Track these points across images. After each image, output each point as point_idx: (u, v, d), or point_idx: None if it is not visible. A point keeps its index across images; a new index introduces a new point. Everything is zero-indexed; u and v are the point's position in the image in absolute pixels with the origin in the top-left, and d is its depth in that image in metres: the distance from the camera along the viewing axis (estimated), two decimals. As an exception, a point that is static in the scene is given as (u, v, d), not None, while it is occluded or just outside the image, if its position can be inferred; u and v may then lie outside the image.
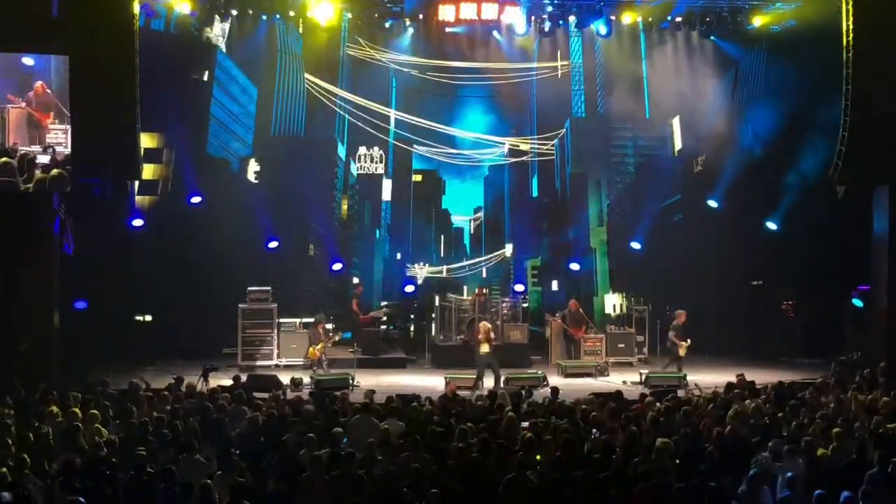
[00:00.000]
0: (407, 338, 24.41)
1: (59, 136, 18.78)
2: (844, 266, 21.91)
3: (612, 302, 26.81)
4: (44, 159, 18.29)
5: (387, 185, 26.79)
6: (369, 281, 25.28)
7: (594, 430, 12.86)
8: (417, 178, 27.10)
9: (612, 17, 23.56)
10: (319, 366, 20.85)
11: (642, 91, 26.07)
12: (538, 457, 11.19)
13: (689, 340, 20.58)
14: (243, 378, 17.87)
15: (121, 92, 18.69)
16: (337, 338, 21.88)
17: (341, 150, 26.52)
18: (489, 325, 20.34)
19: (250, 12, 22.86)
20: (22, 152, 18.19)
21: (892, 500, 10.00)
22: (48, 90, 18.75)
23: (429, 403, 14.97)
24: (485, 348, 19.58)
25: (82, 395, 14.51)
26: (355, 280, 25.16)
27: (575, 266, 24.96)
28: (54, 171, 17.84)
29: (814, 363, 21.90)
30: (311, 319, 21.89)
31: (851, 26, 19.16)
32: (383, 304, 24.43)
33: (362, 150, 26.39)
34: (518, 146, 27.16)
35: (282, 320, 22.30)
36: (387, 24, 24.03)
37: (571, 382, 20.17)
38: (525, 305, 23.83)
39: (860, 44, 19.15)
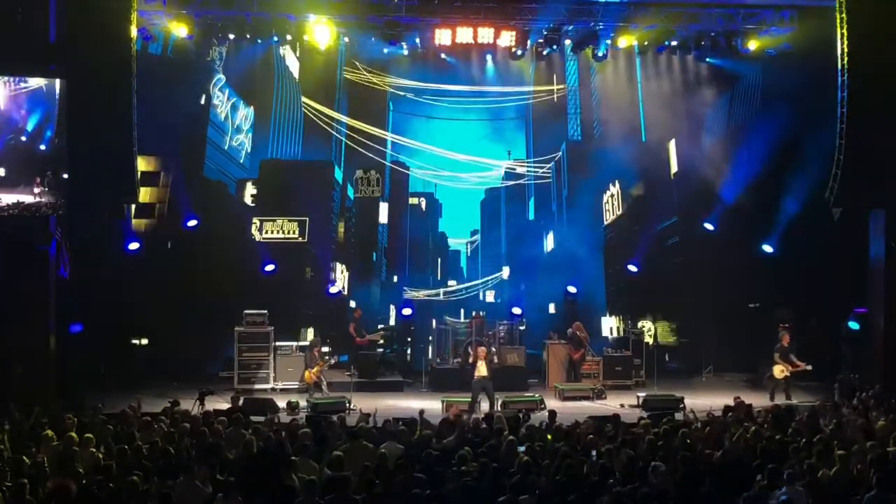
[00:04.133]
0: (404, 361, 24.34)
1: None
2: (841, 288, 21.90)
3: (610, 325, 26.80)
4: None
5: (383, 208, 26.81)
6: (366, 304, 25.24)
7: (592, 454, 12.81)
8: (414, 200, 27.08)
9: (608, 41, 23.65)
10: (317, 389, 20.73)
11: (638, 114, 26.13)
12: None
13: (795, 363, 20.53)
14: (240, 400, 17.81)
15: (118, 115, 18.78)
16: (333, 361, 21.76)
17: (338, 174, 26.54)
18: (486, 350, 20.23)
19: (247, 36, 22.90)
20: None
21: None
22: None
23: (426, 427, 14.90)
24: (481, 371, 19.51)
25: (77, 419, 14.44)
26: (353, 304, 25.14)
27: (572, 289, 24.92)
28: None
29: (811, 385, 21.85)
30: (307, 343, 21.85)
31: (846, 49, 19.27)
32: (380, 326, 24.32)
33: (359, 173, 26.40)
34: (514, 169, 27.21)
35: (278, 343, 22.24)
36: (383, 49, 24.08)
37: (569, 405, 20.11)
38: (522, 328, 23.81)
39: (855, 66, 19.26)
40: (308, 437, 13.78)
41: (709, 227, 24.27)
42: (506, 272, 26.96)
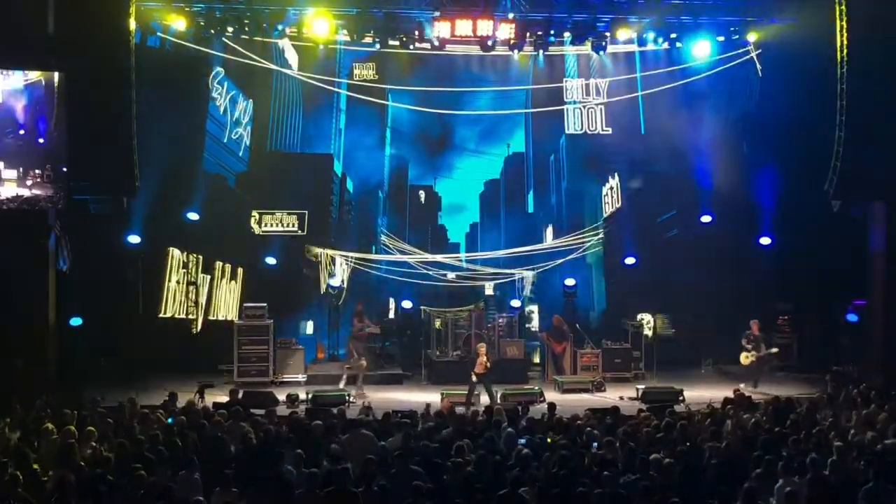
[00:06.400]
0: (403, 354, 24.31)
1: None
2: (840, 280, 21.92)
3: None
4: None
5: (383, 201, 26.82)
6: (366, 297, 25.24)
7: (593, 446, 12.84)
8: (413, 193, 27.12)
9: (607, 34, 23.61)
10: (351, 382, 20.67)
11: (637, 106, 26.09)
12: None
13: (759, 348, 20.72)
14: (240, 393, 17.83)
15: (116, 108, 18.78)
16: (364, 362, 21.72)
17: (337, 166, 26.53)
18: (485, 348, 20.06)
19: (246, 29, 22.85)
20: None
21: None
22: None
23: (424, 420, 14.93)
24: (479, 370, 19.42)
25: (77, 412, 14.46)
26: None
27: (570, 282, 24.89)
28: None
29: (811, 377, 21.88)
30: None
31: (846, 41, 19.29)
32: (374, 321, 24.25)
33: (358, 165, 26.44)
34: (513, 163, 27.24)
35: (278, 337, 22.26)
36: (382, 40, 24.00)
37: (568, 398, 20.12)
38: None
39: (854, 59, 19.27)
40: (306, 429, 13.82)
41: (706, 219, 24.22)
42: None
